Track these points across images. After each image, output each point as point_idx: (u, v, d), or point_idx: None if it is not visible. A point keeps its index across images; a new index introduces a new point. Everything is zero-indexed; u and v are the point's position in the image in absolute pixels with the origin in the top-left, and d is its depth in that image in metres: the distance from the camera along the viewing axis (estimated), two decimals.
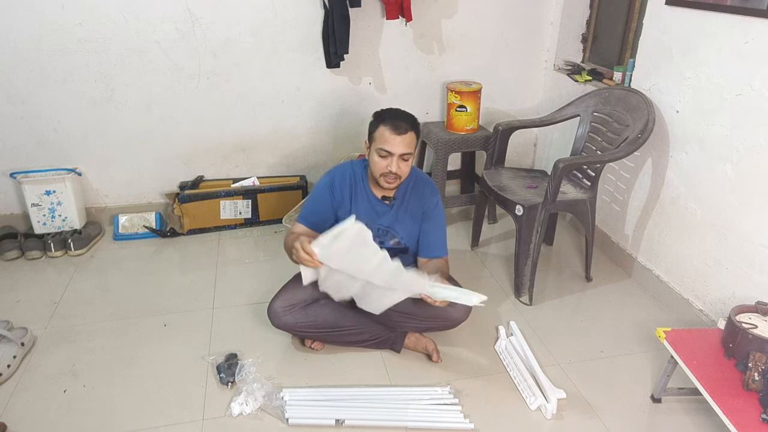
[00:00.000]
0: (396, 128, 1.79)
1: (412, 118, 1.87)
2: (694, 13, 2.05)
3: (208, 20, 2.62)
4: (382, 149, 1.81)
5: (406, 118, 1.84)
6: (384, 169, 1.82)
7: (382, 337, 1.99)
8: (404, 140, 1.80)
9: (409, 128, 1.82)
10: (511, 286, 2.42)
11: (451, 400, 1.79)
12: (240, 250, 2.73)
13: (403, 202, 1.96)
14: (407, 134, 1.80)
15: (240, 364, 1.88)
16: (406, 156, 1.82)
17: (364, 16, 2.76)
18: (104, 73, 2.62)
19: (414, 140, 1.84)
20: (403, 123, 1.81)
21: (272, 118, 2.91)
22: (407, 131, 1.81)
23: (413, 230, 1.99)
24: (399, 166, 1.81)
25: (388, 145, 1.79)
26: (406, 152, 1.81)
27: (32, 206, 2.70)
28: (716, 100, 1.99)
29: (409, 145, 1.81)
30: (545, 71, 3.14)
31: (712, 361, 1.64)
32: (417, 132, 1.86)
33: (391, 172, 1.82)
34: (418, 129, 1.87)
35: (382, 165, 1.82)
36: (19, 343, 1.95)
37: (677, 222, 2.23)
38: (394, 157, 1.80)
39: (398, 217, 1.96)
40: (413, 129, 1.84)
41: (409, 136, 1.81)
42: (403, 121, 1.82)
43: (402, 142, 1.79)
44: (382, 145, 1.80)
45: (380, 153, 1.82)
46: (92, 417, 1.73)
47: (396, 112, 1.86)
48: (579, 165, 2.38)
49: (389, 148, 1.79)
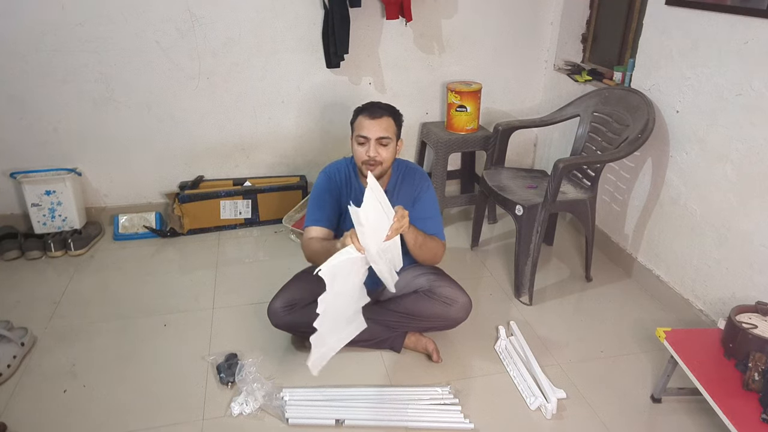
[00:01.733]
0: (371, 114, 1.84)
1: (390, 107, 1.90)
2: (694, 13, 2.05)
3: (208, 20, 2.63)
4: (360, 135, 1.85)
5: (383, 105, 1.89)
6: (363, 155, 1.85)
7: (382, 337, 1.99)
8: (380, 124, 1.83)
9: (385, 113, 1.85)
10: (511, 286, 2.42)
11: (451, 400, 1.79)
12: (240, 250, 2.73)
13: (395, 194, 1.97)
14: (382, 118, 1.84)
15: (240, 364, 1.88)
16: (384, 140, 1.84)
17: (364, 16, 2.76)
18: (104, 73, 2.62)
19: (392, 125, 1.86)
20: (379, 110, 1.85)
21: (272, 118, 2.91)
22: (382, 115, 1.84)
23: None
24: (377, 151, 1.84)
25: (364, 130, 1.84)
26: (382, 136, 1.83)
27: (32, 206, 2.70)
28: (716, 100, 1.99)
29: (386, 129, 1.84)
30: (545, 71, 3.14)
31: (712, 361, 1.64)
32: (396, 119, 1.89)
33: (369, 157, 1.84)
34: (397, 116, 1.90)
35: (361, 152, 1.86)
36: (19, 343, 1.95)
37: (677, 222, 2.23)
38: (371, 142, 1.83)
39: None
40: (390, 115, 1.87)
41: (385, 120, 1.84)
42: (379, 108, 1.86)
43: (378, 125, 1.83)
44: (359, 132, 1.85)
45: (358, 140, 1.86)
46: (92, 417, 1.73)
47: (373, 102, 1.91)
48: (579, 165, 2.38)
49: (365, 133, 1.83)
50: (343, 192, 1.98)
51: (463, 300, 1.95)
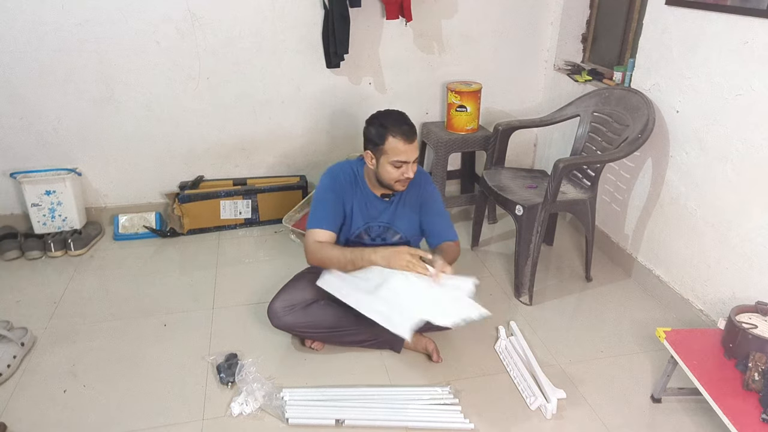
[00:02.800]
0: (408, 138, 1.79)
1: (408, 118, 1.87)
2: (694, 13, 2.05)
3: (208, 20, 2.63)
4: (397, 161, 1.80)
5: (407, 120, 1.84)
6: (400, 176, 1.83)
7: (382, 337, 1.98)
8: (416, 145, 1.82)
9: (415, 132, 1.83)
10: (511, 286, 2.42)
11: (451, 400, 1.79)
12: (240, 250, 2.73)
13: (402, 198, 1.97)
14: (416, 137, 1.83)
15: (240, 364, 1.88)
16: (416, 159, 1.85)
17: (364, 16, 2.76)
18: (104, 73, 2.62)
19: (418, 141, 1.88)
20: (408, 127, 1.81)
21: (272, 118, 2.91)
22: (415, 133, 1.82)
23: (413, 223, 2.01)
24: (412, 170, 1.84)
25: (403, 155, 1.79)
26: (416, 156, 1.84)
27: (32, 206, 2.70)
28: (716, 100, 1.99)
29: (417, 148, 1.84)
30: (545, 71, 3.14)
31: (712, 361, 1.64)
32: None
33: (408, 178, 1.84)
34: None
35: (396, 174, 1.83)
36: (19, 343, 1.95)
37: (677, 222, 2.23)
38: (410, 164, 1.82)
39: (397, 213, 1.97)
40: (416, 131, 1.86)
41: (417, 138, 1.83)
42: (408, 124, 1.82)
43: (414, 147, 1.82)
44: (397, 157, 1.79)
45: (395, 164, 1.81)
46: (92, 417, 1.73)
47: (395, 117, 1.84)
48: (579, 165, 2.38)
49: (405, 158, 1.80)
50: (347, 195, 1.95)
51: None
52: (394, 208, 1.97)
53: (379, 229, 1.97)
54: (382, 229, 1.97)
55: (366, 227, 1.96)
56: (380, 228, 1.97)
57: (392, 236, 1.98)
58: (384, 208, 1.96)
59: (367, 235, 1.97)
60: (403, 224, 1.98)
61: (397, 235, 1.98)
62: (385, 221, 1.97)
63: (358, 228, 1.95)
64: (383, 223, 1.97)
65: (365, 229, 1.96)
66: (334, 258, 1.84)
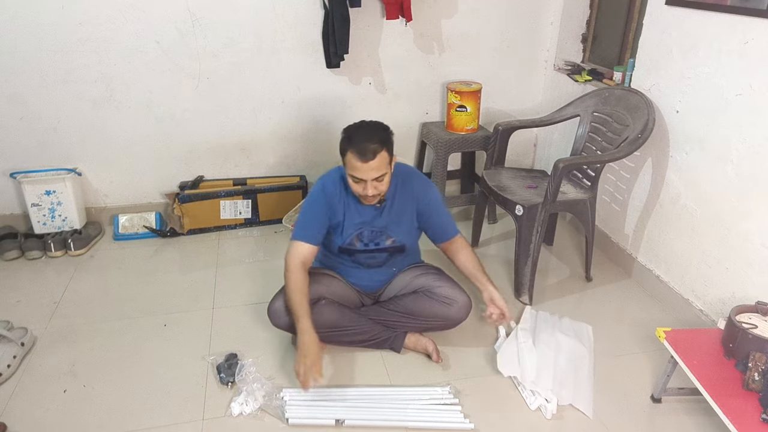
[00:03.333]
0: (362, 155, 1.70)
1: (381, 135, 1.76)
2: (694, 13, 2.05)
3: (208, 20, 2.63)
4: (353, 176, 1.76)
5: (373, 138, 1.72)
6: (360, 191, 1.79)
7: (382, 337, 1.99)
8: (371, 166, 1.71)
9: (378, 149, 1.71)
10: (511, 286, 2.42)
11: (451, 400, 1.79)
12: (240, 250, 2.73)
13: (394, 202, 1.93)
14: (376, 159, 1.71)
15: (240, 364, 1.88)
16: (379, 178, 1.76)
17: (364, 16, 2.76)
18: (104, 73, 2.62)
19: (385, 159, 1.75)
20: (370, 146, 1.70)
21: (272, 118, 2.91)
22: (375, 154, 1.71)
23: (407, 227, 1.97)
24: (375, 187, 1.77)
25: (357, 172, 1.73)
26: (378, 175, 1.74)
27: (32, 206, 2.70)
28: (716, 100, 1.99)
29: (379, 168, 1.73)
30: (545, 71, 3.14)
31: (712, 361, 1.64)
32: (388, 146, 1.77)
33: (368, 195, 1.78)
34: (387, 142, 1.77)
35: (357, 188, 1.79)
36: (19, 343, 1.95)
37: (677, 222, 2.23)
38: (367, 182, 1.75)
39: (391, 217, 1.94)
40: (383, 148, 1.73)
41: (377, 159, 1.71)
42: (370, 142, 1.71)
43: (370, 168, 1.72)
44: (352, 172, 1.75)
45: (353, 179, 1.77)
46: (92, 417, 1.73)
47: (363, 132, 1.75)
48: (579, 165, 2.38)
49: (359, 175, 1.74)
50: (337, 204, 1.91)
51: (462, 300, 1.96)
52: (388, 213, 1.93)
53: (372, 234, 1.94)
54: (374, 234, 1.94)
55: (358, 233, 1.93)
56: (372, 233, 1.94)
57: (385, 240, 1.96)
58: (376, 213, 1.92)
59: (359, 240, 1.94)
60: (396, 228, 1.95)
61: (390, 239, 1.96)
62: (379, 226, 1.94)
63: (350, 235, 1.93)
64: (377, 228, 1.94)
65: (357, 235, 1.93)
66: (289, 299, 1.83)
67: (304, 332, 1.75)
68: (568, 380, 1.85)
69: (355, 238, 1.94)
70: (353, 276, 2.04)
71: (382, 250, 1.98)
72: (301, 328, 1.76)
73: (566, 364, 1.90)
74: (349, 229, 1.92)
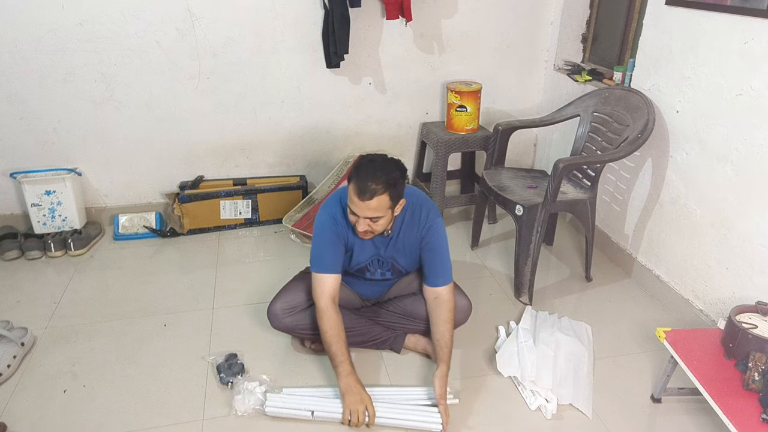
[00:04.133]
0: (361, 193, 1.63)
1: (388, 177, 1.65)
2: (694, 13, 2.05)
3: (208, 20, 2.63)
4: (350, 208, 1.70)
5: (378, 178, 1.63)
6: (353, 223, 1.73)
7: (382, 338, 1.99)
8: (369, 206, 1.64)
9: (380, 191, 1.63)
10: (511, 286, 2.42)
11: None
12: (240, 250, 2.73)
13: (401, 233, 1.87)
14: (373, 200, 1.63)
15: (240, 364, 1.88)
16: (374, 219, 1.69)
17: (364, 16, 2.76)
18: (104, 73, 2.62)
19: (385, 202, 1.66)
20: (373, 185, 1.62)
21: (272, 118, 2.91)
22: (373, 196, 1.63)
23: (414, 257, 1.93)
24: (369, 225, 1.70)
25: (353, 206, 1.67)
26: (373, 216, 1.67)
27: (32, 206, 2.70)
28: (716, 100, 1.99)
29: (376, 210, 1.66)
30: (545, 71, 3.14)
31: (712, 361, 1.64)
32: (393, 191, 1.67)
33: (359, 230, 1.73)
34: (395, 187, 1.68)
35: (351, 219, 1.73)
36: (19, 343, 1.95)
37: (677, 222, 2.23)
38: (360, 219, 1.69)
39: (397, 248, 1.89)
40: (386, 191, 1.64)
41: (375, 201, 1.63)
42: (373, 182, 1.62)
43: (367, 207, 1.65)
44: (350, 205, 1.70)
45: (350, 209, 1.71)
46: (92, 417, 1.73)
47: (371, 168, 1.65)
48: (579, 165, 2.38)
49: (354, 209, 1.68)
50: (348, 234, 1.85)
51: (463, 303, 1.96)
52: (394, 243, 1.89)
53: (379, 264, 1.93)
54: (383, 263, 1.93)
55: (369, 261, 1.91)
56: (381, 261, 1.92)
57: (392, 270, 1.95)
58: (384, 243, 1.88)
59: (367, 270, 1.94)
60: (403, 259, 1.92)
61: (396, 269, 1.95)
62: (386, 255, 1.91)
63: (360, 263, 1.91)
64: (384, 257, 1.91)
65: (367, 264, 1.92)
66: (327, 345, 1.78)
67: (347, 375, 1.71)
68: (567, 380, 1.85)
69: (365, 267, 1.93)
70: (355, 285, 2.02)
71: (387, 280, 1.98)
72: (341, 373, 1.71)
73: (566, 364, 1.90)
74: (358, 256, 1.89)
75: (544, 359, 1.89)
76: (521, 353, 1.93)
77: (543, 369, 1.85)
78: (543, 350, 1.93)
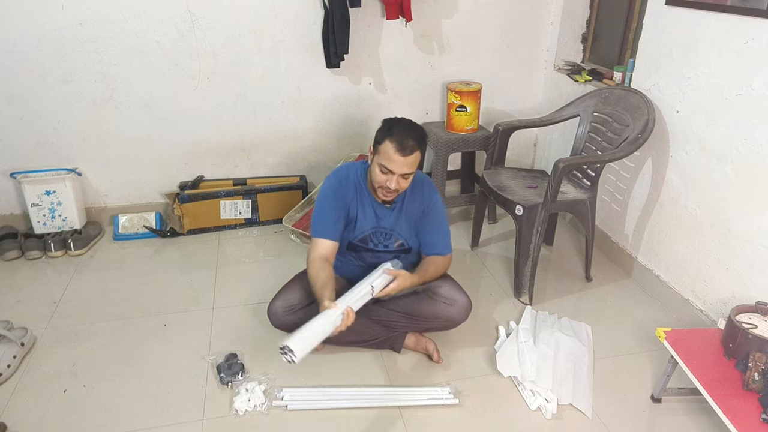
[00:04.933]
0: (402, 148, 1.72)
1: (420, 134, 1.79)
2: (694, 13, 2.05)
3: (208, 20, 2.62)
4: (384, 166, 1.75)
5: (414, 135, 1.76)
6: (383, 183, 1.78)
7: (382, 337, 1.99)
8: (408, 161, 1.74)
9: (416, 147, 1.75)
10: (511, 286, 2.42)
11: (451, 400, 1.79)
12: (240, 250, 2.73)
13: (404, 205, 1.95)
14: (412, 155, 1.74)
15: (240, 364, 1.88)
16: (407, 175, 1.79)
17: (364, 16, 2.76)
18: (104, 73, 2.62)
19: (418, 158, 1.78)
20: (411, 142, 1.73)
21: (272, 118, 2.91)
22: (413, 151, 1.74)
23: (414, 230, 1.99)
24: (399, 183, 1.78)
25: (391, 163, 1.74)
26: (409, 172, 1.77)
27: (32, 206, 2.70)
28: (716, 100, 1.99)
29: (412, 165, 1.76)
30: (545, 71, 3.14)
31: (712, 361, 1.64)
32: (423, 148, 1.81)
33: (389, 188, 1.78)
34: (424, 144, 1.81)
35: (381, 179, 1.78)
36: (19, 343, 1.95)
37: (677, 222, 2.23)
38: (395, 176, 1.76)
39: (399, 220, 1.95)
40: (419, 147, 1.77)
41: (414, 156, 1.75)
42: (411, 139, 1.74)
43: (405, 162, 1.74)
44: (385, 162, 1.75)
45: (381, 168, 1.77)
46: (92, 417, 1.73)
47: (406, 127, 1.77)
48: (579, 165, 2.38)
49: (391, 167, 1.74)
50: (352, 199, 1.92)
51: (463, 300, 1.96)
52: (397, 215, 1.95)
53: (382, 235, 1.96)
54: (384, 235, 1.96)
55: (372, 232, 1.94)
56: (383, 233, 1.96)
57: (394, 242, 1.97)
58: (386, 214, 1.94)
59: (370, 240, 1.96)
60: (404, 231, 1.96)
61: (398, 241, 1.97)
62: (388, 227, 1.95)
63: (363, 233, 1.94)
64: (386, 228, 1.95)
65: (370, 234, 1.95)
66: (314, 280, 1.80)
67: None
68: (567, 380, 1.85)
69: (368, 237, 1.95)
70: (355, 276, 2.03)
71: (390, 252, 1.98)
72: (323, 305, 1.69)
73: (566, 364, 1.90)
74: (362, 226, 1.94)
75: (544, 359, 1.89)
76: (521, 353, 1.93)
77: (543, 369, 1.86)
78: (543, 350, 1.93)
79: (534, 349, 1.94)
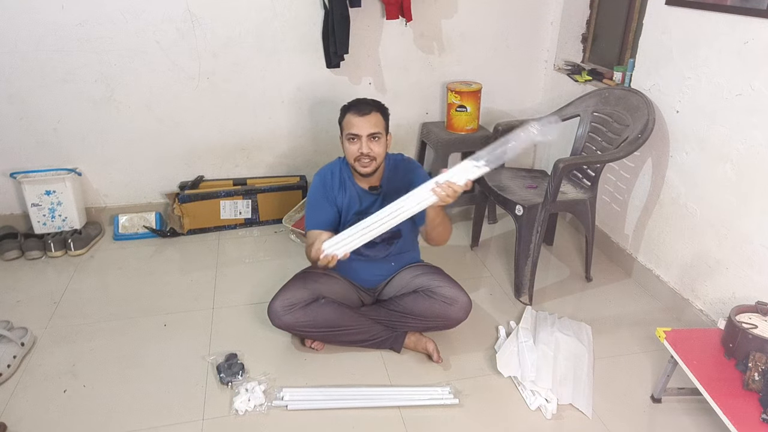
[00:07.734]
0: (359, 111, 1.86)
1: (377, 102, 1.92)
2: (694, 13, 2.05)
3: (208, 20, 2.63)
4: (350, 133, 1.87)
5: (369, 101, 1.91)
6: (356, 152, 1.87)
7: (382, 337, 1.99)
8: (369, 120, 1.85)
9: (373, 109, 1.88)
10: (511, 286, 2.42)
11: (451, 400, 1.79)
12: (240, 250, 2.73)
13: (389, 189, 1.97)
14: (371, 114, 1.86)
15: (240, 364, 1.88)
16: (375, 135, 1.87)
17: (364, 16, 2.76)
18: (104, 73, 2.62)
19: (381, 121, 1.89)
20: (366, 106, 1.87)
21: (272, 118, 2.91)
22: (371, 111, 1.87)
23: None
24: (369, 147, 1.86)
25: (354, 128, 1.85)
26: (373, 131, 1.86)
27: (32, 206, 2.70)
28: (716, 100, 1.99)
29: (375, 125, 1.86)
30: (545, 71, 3.14)
31: (712, 361, 1.64)
32: (383, 114, 1.92)
33: (362, 153, 1.86)
34: (384, 111, 1.92)
35: (353, 150, 1.88)
36: (19, 343, 1.95)
37: (677, 222, 2.23)
38: (363, 139, 1.85)
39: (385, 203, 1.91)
40: (378, 110, 1.89)
41: (373, 116, 1.87)
42: (366, 104, 1.88)
43: (367, 122, 1.85)
44: (349, 130, 1.87)
45: (349, 139, 1.88)
46: (92, 417, 1.73)
47: (360, 100, 1.92)
48: (579, 165, 2.38)
49: (355, 131, 1.85)
50: (337, 194, 1.99)
51: (463, 300, 1.95)
52: (383, 200, 1.94)
53: None
54: None
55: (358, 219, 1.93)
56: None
57: None
58: (373, 201, 1.97)
59: None
60: None
61: None
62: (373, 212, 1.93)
63: (350, 221, 1.94)
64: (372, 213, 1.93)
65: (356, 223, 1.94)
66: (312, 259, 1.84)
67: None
68: (567, 380, 1.85)
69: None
70: (352, 270, 2.04)
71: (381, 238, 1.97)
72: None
73: (566, 364, 1.90)
74: (349, 215, 1.98)
75: (544, 359, 1.89)
76: (521, 353, 1.93)
77: (543, 369, 1.86)
78: (543, 350, 1.93)
79: (534, 349, 1.94)
